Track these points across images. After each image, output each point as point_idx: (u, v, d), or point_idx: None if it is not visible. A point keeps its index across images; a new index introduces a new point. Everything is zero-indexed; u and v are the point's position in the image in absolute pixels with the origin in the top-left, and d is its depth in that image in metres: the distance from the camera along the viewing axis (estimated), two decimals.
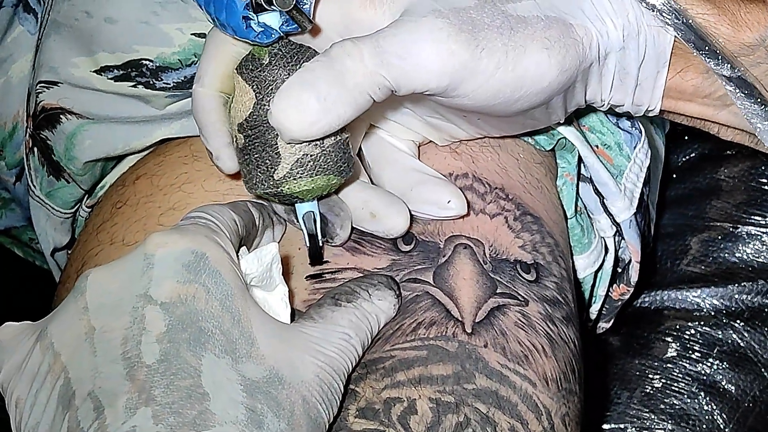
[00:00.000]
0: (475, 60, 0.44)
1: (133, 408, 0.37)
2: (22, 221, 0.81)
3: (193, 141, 0.59)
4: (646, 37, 0.48)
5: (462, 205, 0.53)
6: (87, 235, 0.60)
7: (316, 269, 0.51)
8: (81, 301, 0.41)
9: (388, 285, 0.48)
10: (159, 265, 0.41)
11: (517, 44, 0.45)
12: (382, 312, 0.47)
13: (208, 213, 0.45)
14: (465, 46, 0.44)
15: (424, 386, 0.47)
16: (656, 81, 0.50)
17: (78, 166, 0.62)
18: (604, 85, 0.50)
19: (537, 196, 0.59)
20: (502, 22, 0.45)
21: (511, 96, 0.46)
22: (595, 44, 0.47)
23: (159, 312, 0.39)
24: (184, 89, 0.60)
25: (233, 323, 0.40)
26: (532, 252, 0.55)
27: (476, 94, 0.46)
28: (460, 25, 0.44)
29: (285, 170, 0.47)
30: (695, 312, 0.84)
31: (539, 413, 0.48)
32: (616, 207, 0.66)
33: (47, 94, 0.62)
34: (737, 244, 0.86)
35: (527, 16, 0.46)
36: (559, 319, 0.54)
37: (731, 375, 0.80)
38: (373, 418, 0.45)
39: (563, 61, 0.46)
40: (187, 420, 0.37)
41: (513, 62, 0.45)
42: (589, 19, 0.47)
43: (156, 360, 0.38)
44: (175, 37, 0.59)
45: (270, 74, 0.47)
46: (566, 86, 0.48)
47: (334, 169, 0.48)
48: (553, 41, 0.46)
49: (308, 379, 0.41)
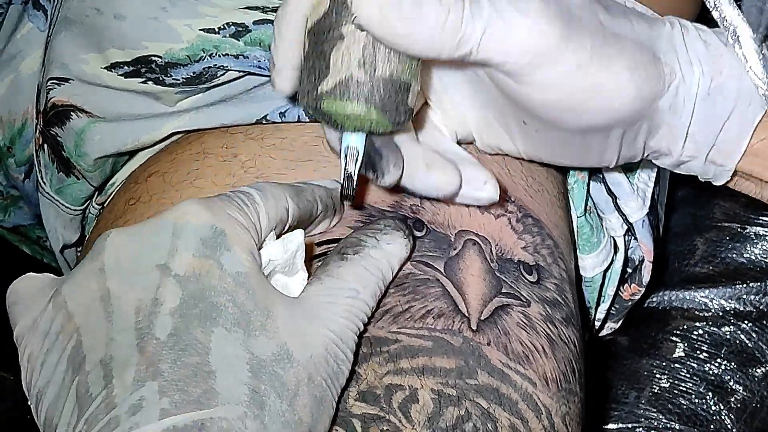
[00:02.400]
0: (561, 50, 0.44)
1: (141, 380, 0.37)
2: (31, 219, 0.82)
3: (204, 138, 0.59)
4: (739, 97, 0.47)
5: (496, 190, 0.51)
6: (99, 231, 0.61)
7: (323, 249, 0.51)
8: (98, 262, 0.41)
9: (395, 227, 0.47)
10: (179, 236, 0.41)
11: (605, 53, 0.45)
12: (394, 255, 0.46)
13: (261, 191, 0.44)
14: (557, 32, 0.44)
15: (427, 376, 0.47)
16: (738, 144, 0.49)
17: (88, 162, 0.62)
18: (675, 135, 0.49)
19: (537, 199, 0.59)
20: (597, 28, 0.45)
21: (579, 104, 0.46)
22: (674, 87, 0.47)
23: (174, 285, 0.39)
24: (194, 85, 0.60)
25: (248, 296, 0.40)
26: (533, 254, 0.56)
27: (547, 88, 0.45)
28: (558, 12, 0.44)
29: (329, 85, 0.45)
30: (703, 312, 0.84)
31: (539, 412, 0.49)
32: (629, 207, 0.66)
33: (58, 91, 0.62)
34: (745, 244, 0.86)
35: (621, 34, 0.46)
36: (559, 320, 0.54)
37: (739, 375, 0.80)
38: (374, 402, 0.45)
39: (642, 86, 0.46)
40: (192, 398, 0.37)
41: (595, 68, 0.45)
42: (679, 61, 0.47)
43: (167, 334, 0.38)
44: (184, 33, 0.59)
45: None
46: (634, 117, 0.47)
47: (379, 104, 0.45)
48: (638, 64, 0.45)
49: (317, 354, 0.41)
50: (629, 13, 0.47)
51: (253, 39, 0.59)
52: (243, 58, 0.59)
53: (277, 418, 0.38)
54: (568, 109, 0.46)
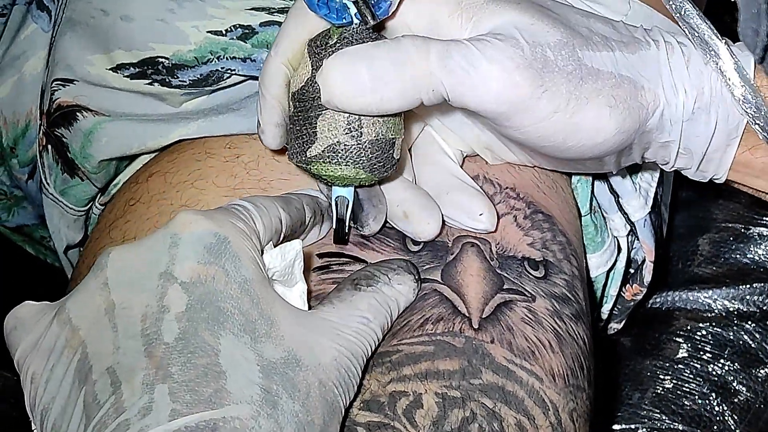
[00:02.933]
0: (535, 98, 0.44)
1: (150, 384, 0.37)
2: (34, 219, 0.81)
3: (207, 138, 0.59)
4: (719, 112, 0.48)
5: (492, 222, 0.53)
6: (99, 232, 0.60)
7: (323, 261, 0.51)
8: (101, 277, 0.41)
9: (407, 269, 0.48)
10: (182, 245, 0.41)
11: (582, 95, 0.45)
12: (402, 296, 0.47)
13: (253, 203, 0.45)
14: (529, 81, 0.44)
15: (431, 381, 0.47)
16: (725, 154, 0.49)
17: (93, 164, 0.62)
18: (669, 151, 0.49)
19: (550, 195, 0.59)
20: (573, 69, 0.45)
21: (562, 142, 0.46)
22: (659, 112, 0.47)
23: (179, 290, 0.39)
24: (200, 87, 0.60)
25: (252, 305, 0.40)
26: (541, 249, 0.56)
27: (528, 130, 0.46)
28: (531, 61, 0.44)
29: (317, 150, 0.47)
30: (706, 313, 0.84)
31: (546, 408, 0.48)
32: (631, 206, 0.66)
33: (63, 92, 0.62)
34: (748, 245, 0.86)
35: (601, 70, 0.46)
36: (568, 315, 0.54)
37: (742, 376, 0.80)
38: (378, 410, 0.45)
39: (623, 122, 0.46)
40: (203, 398, 0.37)
41: (572, 111, 0.45)
42: (663, 86, 0.47)
43: (174, 338, 0.38)
44: (191, 35, 0.59)
45: (330, 54, 0.46)
46: (621, 147, 0.47)
47: (366, 165, 0.47)
48: (618, 101, 0.46)
49: (326, 362, 0.41)
50: (613, 41, 0.47)
51: (260, 41, 0.59)
52: (250, 61, 0.59)
53: (291, 417, 0.38)
54: (551, 146, 0.47)
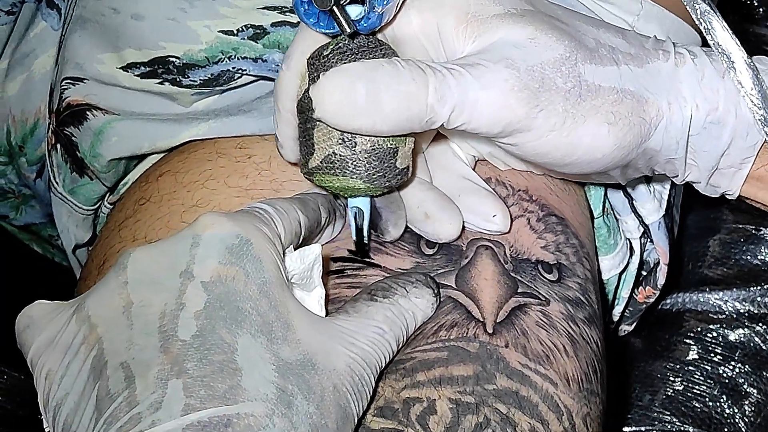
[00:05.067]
0: (530, 118, 0.44)
1: (164, 379, 0.37)
2: (42, 218, 0.82)
3: (217, 139, 0.59)
4: (737, 127, 0.47)
5: (506, 223, 0.53)
6: (109, 231, 0.60)
7: (338, 266, 0.51)
8: (122, 276, 0.41)
9: (426, 283, 0.48)
10: (204, 245, 0.41)
11: (579, 113, 0.45)
12: (419, 310, 0.47)
13: (273, 206, 0.45)
14: (524, 103, 0.44)
15: (444, 387, 0.47)
16: (739, 170, 0.49)
17: (102, 163, 0.62)
18: (675, 164, 0.49)
19: (563, 198, 0.59)
20: (572, 87, 0.45)
21: (561, 159, 0.46)
22: (663, 126, 0.47)
23: (199, 289, 0.39)
24: (211, 87, 0.60)
25: (270, 307, 0.40)
26: (555, 252, 0.55)
27: (525, 147, 0.46)
28: (527, 81, 0.44)
29: (316, 162, 0.47)
30: (717, 314, 0.83)
31: (560, 413, 0.48)
32: (645, 209, 0.66)
33: (73, 90, 0.62)
34: (759, 246, 0.86)
35: (602, 86, 0.46)
36: (582, 319, 0.53)
37: (753, 378, 0.80)
38: (392, 417, 0.45)
39: (623, 138, 0.46)
40: (218, 394, 0.36)
41: (569, 129, 0.45)
42: (668, 98, 0.47)
43: (191, 335, 0.38)
44: (203, 35, 0.59)
45: (323, 65, 0.46)
46: (622, 162, 0.47)
47: (363, 175, 0.47)
48: (618, 117, 0.45)
49: (340, 368, 0.41)
50: (620, 53, 0.47)
51: (272, 41, 0.59)
52: (261, 61, 0.59)
53: (305, 418, 0.38)
54: (550, 163, 0.47)
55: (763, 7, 0.95)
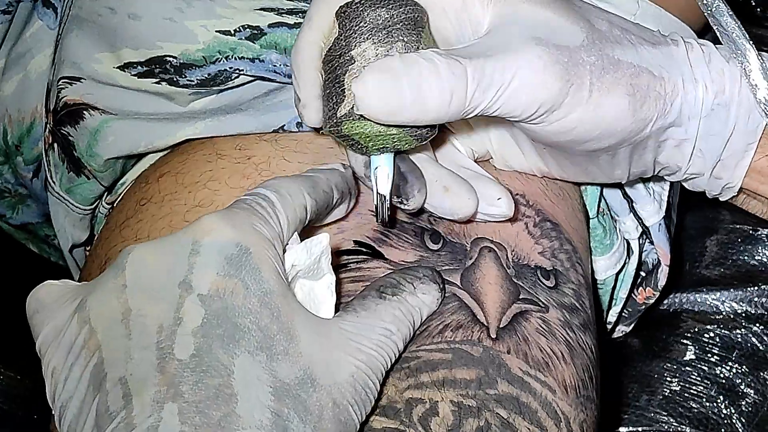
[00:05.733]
0: (563, 94, 0.45)
1: (160, 402, 0.37)
2: (39, 217, 0.81)
3: (217, 140, 0.59)
4: (739, 111, 0.48)
5: (510, 206, 0.53)
6: (109, 231, 0.60)
7: (342, 259, 0.51)
8: (120, 279, 0.40)
9: (432, 278, 0.48)
10: (203, 254, 0.40)
11: (603, 86, 0.46)
12: (425, 306, 0.47)
13: (278, 192, 0.44)
14: (558, 78, 0.45)
15: (447, 389, 0.47)
16: (741, 159, 0.50)
17: (99, 162, 0.62)
18: (683, 150, 0.50)
19: (557, 203, 0.59)
20: (596, 60, 0.46)
21: (584, 134, 0.47)
22: (678, 103, 0.48)
23: (197, 304, 0.39)
24: (208, 86, 0.60)
25: (272, 319, 0.40)
26: (551, 258, 0.56)
27: (552, 125, 0.47)
28: (557, 56, 0.45)
29: (347, 108, 0.46)
30: (714, 315, 0.83)
31: (558, 420, 0.49)
32: (645, 211, 0.66)
33: (70, 90, 0.62)
34: (757, 246, 0.86)
35: (621, 60, 0.47)
36: (577, 325, 0.54)
37: (750, 378, 0.80)
38: (394, 417, 0.45)
39: (641, 109, 0.47)
40: (212, 421, 0.36)
41: (595, 102, 0.46)
42: (683, 78, 0.48)
43: (189, 355, 0.38)
44: (200, 34, 0.59)
45: (355, 11, 0.46)
46: (638, 136, 0.48)
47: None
48: (636, 89, 0.46)
49: (342, 380, 0.40)
50: (633, 37, 0.48)
51: (269, 42, 0.58)
52: (258, 61, 0.58)
53: None
54: (573, 140, 0.48)
55: (761, 8, 0.95)
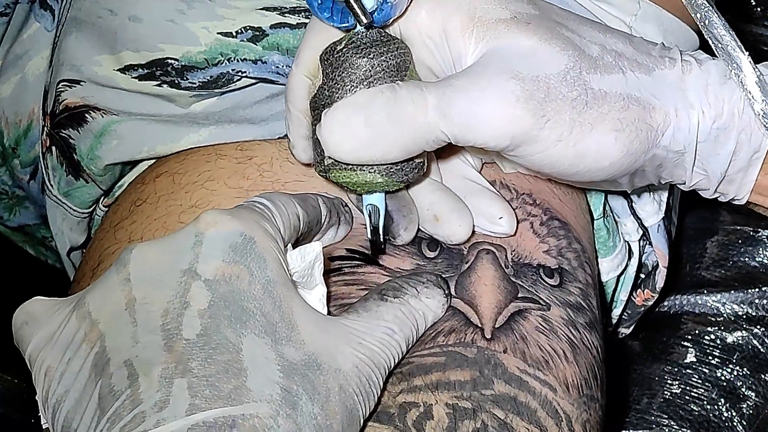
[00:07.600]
0: (537, 129, 0.44)
1: (168, 378, 0.36)
2: (36, 219, 0.81)
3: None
4: (741, 132, 0.47)
5: (512, 225, 0.53)
6: (104, 233, 0.60)
7: (336, 264, 0.51)
8: (123, 273, 0.40)
9: (437, 284, 0.48)
10: (207, 243, 0.40)
11: (586, 121, 0.45)
12: (430, 311, 0.47)
13: (272, 201, 0.44)
14: (530, 113, 0.44)
15: (441, 392, 0.46)
16: (746, 176, 0.49)
17: (99, 166, 0.62)
18: (685, 168, 0.49)
19: (566, 202, 0.59)
20: (578, 95, 0.45)
21: (568, 169, 0.46)
22: (670, 132, 0.47)
23: (203, 288, 0.39)
24: (210, 89, 0.59)
25: (274, 307, 0.40)
26: (557, 257, 0.55)
27: (533, 159, 0.46)
28: (532, 92, 0.44)
29: (332, 158, 0.47)
30: (715, 317, 0.84)
31: (559, 419, 0.48)
32: (644, 211, 0.66)
33: (70, 93, 0.61)
34: (757, 248, 0.86)
35: (608, 92, 0.46)
36: (582, 324, 0.53)
37: (751, 381, 0.80)
38: (388, 422, 0.45)
39: (630, 145, 0.46)
40: (223, 394, 0.36)
41: (576, 138, 0.45)
42: (675, 105, 0.47)
43: (196, 334, 0.38)
44: (201, 36, 0.58)
45: (337, 59, 0.46)
46: (630, 169, 0.47)
47: (381, 169, 0.47)
48: (624, 124, 0.45)
49: (346, 369, 0.40)
50: (626, 60, 0.47)
51: (271, 43, 0.58)
52: (261, 63, 0.58)
53: (309, 419, 0.38)
54: (558, 173, 0.47)
55: (761, 7, 0.95)
